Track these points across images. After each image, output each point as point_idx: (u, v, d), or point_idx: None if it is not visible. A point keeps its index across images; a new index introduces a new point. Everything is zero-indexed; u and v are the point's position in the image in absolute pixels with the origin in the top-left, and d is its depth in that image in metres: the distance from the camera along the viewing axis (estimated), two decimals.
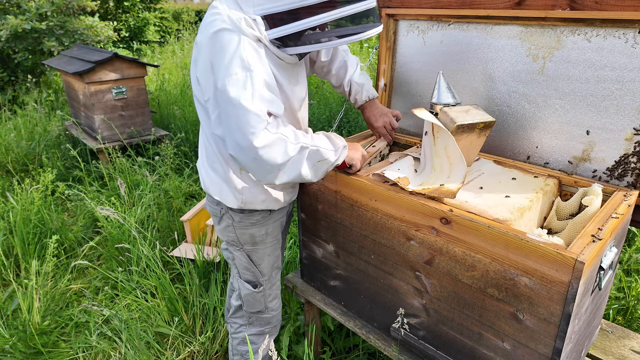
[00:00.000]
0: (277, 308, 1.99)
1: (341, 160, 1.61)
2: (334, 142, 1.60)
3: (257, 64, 1.42)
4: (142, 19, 11.42)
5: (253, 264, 1.84)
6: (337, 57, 1.95)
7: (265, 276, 1.88)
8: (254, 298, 1.90)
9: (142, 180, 3.89)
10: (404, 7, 1.99)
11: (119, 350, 2.36)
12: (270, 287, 1.92)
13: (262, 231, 1.79)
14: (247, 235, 1.78)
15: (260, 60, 1.44)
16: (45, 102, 6.74)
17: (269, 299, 1.94)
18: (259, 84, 1.41)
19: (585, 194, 1.53)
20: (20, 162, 4.83)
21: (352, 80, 1.96)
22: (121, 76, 4.63)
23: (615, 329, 1.78)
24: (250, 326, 2.00)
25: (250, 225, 1.77)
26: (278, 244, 1.90)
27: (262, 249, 1.82)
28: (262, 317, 1.97)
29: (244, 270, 1.87)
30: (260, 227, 1.78)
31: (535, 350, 1.27)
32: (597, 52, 1.52)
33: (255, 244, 1.81)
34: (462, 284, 1.40)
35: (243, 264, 1.85)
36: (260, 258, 1.84)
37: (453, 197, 1.42)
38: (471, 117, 1.56)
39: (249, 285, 1.88)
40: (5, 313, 2.72)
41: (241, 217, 1.75)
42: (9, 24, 6.52)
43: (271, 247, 1.85)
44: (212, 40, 1.43)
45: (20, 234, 3.23)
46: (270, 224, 1.80)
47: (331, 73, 1.97)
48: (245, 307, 1.94)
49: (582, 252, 1.13)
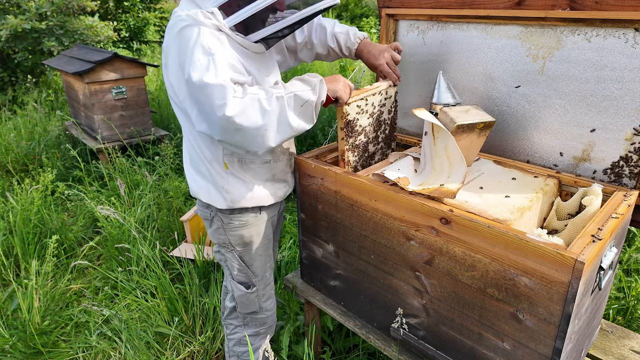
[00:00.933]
0: (271, 308, 1.99)
1: (323, 95, 1.56)
2: (308, 82, 1.55)
3: (218, 48, 1.43)
4: (142, 19, 11.41)
5: (245, 265, 1.85)
6: (312, 28, 1.90)
7: (257, 277, 1.89)
8: (247, 299, 1.91)
9: (142, 180, 3.89)
10: (404, 7, 1.99)
11: (119, 350, 2.36)
12: (263, 287, 1.93)
13: (252, 232, 1.80)
14: (238, 236, 1.79)
15: (221, 44, 1.45)
16: (45, 102, 6.74)
17: (263, 299, 1.94)
18: (221, 64, 1.40)
19: (585, 194, 1.53)
20: (20, 162, 4.83)
21: (334, 33, 1.90)
22: (121, 76, 4.63)
23: (615, 329, 1.78)
24: (245, 327, 2.00)
25: (240, 227, 1.77)
26: (269, 243, 1.90)
27: (254, 249, 1.83)
28: (257, 318, 1.97)
29: (236, 271, 1.87)
30: (251, 228, 1.79)
31: (535, 351, 1.27)
32: (597, 52, 1.52)
33: (246, 244, 1.81)
34: (462, 284, 1.40)
35: (235, 266, 1.86)
36: (252, 259, 1.85)
37: (453, 197, 1.42)
38: (471, 117, 1.56)
39: (242, 286, 1.88)
40: (5, 313, 2.71)
41: (231, 218, 1.76)
42: (9, 23, 6.52)
43: (262, 247, 1.86)
44: (177, 40, 1.47)
45: (20, 234, 3.23)
46: (260, 224, 1.81)
47: (314, 44, 1.92)
48: (239, 308, 1.94)
49: (582, 252, 1.13)
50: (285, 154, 1.80)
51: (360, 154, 1.88)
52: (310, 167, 1.79)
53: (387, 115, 1.94)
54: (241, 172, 1.69)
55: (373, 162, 1.98)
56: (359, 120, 1.79)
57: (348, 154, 1.81)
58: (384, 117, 1.93)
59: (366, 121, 1.83)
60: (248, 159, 1.68)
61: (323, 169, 1.74)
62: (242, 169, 1.69)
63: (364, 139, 1.86)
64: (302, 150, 4.67)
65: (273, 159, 1.74)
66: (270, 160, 1.73)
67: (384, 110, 1.91)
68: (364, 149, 1.89)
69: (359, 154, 1.87)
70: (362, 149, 1.88)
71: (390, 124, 1.99)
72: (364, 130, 1.84)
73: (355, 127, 1.80)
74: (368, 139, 1.88)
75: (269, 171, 1.75)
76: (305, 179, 1.85)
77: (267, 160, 1.72)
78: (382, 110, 1.89)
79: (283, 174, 1.82)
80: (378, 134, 1.93)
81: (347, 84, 1.65)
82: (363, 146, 1.87)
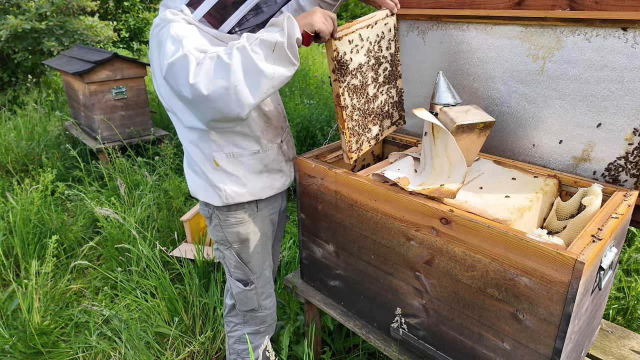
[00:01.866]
0: (271, 307, 2.00)
1: (296, 32, 1.35)
2: (275, 23, 1.39)
3: (186, 33, 1.39)
4: (142, 19, 11.41)
5: (242, 262, 1.86)
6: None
7: (255, 274, 1.89)
8: (245, 296, 1.91)
9: (142, 180, 3.89)
10: (404, 7, 1.99)
11: (119, 351, 2.36)
12: (262, 285, 1.93)
13: (249, 229, 1.81)
14: (234, 233, 1.80)
15: (190, 30, 1.43)
16: (45, 102, 6.74)
17: (262, 297, 1.94)
18: (188, 43, 1.35)
19: (585, 194, 1.53)
20: (20, 162, 4.83)
21: None
22: (121, 76, 4.63)
23: (615, 329, 1.78)
24: (245, 325, 2.01)
25: (237, 224, 1.79)
26: (268, 241, 1.90)
27: (251, 247, 1.84)
28: (257, 316, 1.97)
29: (234, 268, 1.89)
30: (247, 225, 1.80)
31: (535, 351, 1.27)
32: (597, 52, 1.52)
33: (243, 241, 1.82)
34: (462, 284, 1.40)
35: (233, 263, 1.87)
36: (250, 256, 1.86)
37: (453, 197, 1.42)
38: (471, 117, 1.56)
39: (240, 283, 1.90)
40: (5, 313, 2.71)
41: (227, 215, 1.77)
42: (9, 24, 6.52)
43: (260, 244, 1.86)
44: (155, 44, 1.48)
45: (20, 234, 3.23)
46: (257, 221, 1.82)
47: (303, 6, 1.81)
48: (238, 305, 1.96)
49: (582, 252, 1.13)
50: (273, 142, 1.76)
51: (361, 101, 1.63)
52: (310, 167, 1.79)
53: (386, 52, 1.73)
54: (232, 168, 1.69)
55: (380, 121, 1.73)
56: (352, 59, 1.57)
57: (345, 97, 1.58)
58: (383, 54, 1.71)
59: (363, 58, 1.61)
60: (236, 152, 1.67)
61: (323, 169, 1.74)
62: (232, 164, 1.68)
63: (362, 80, 1.64)
64: (302, 150, 4.67)
65: (262, 149, 1.72)
66: (259, 151, 1.71)
67: (382, 45, 1.70)
68: (363, 94, 1.65)
69: (358, 100, 1.63)
70: (360, 94, 1.64)
71: (392, 60, 1.75)
72: (360, 69, 1.61)
73: (350, 67, 1.57)
74: (366, 81, 1.67)
75: (260, 162, 1.73)
76: (305, 179, 1.85)
77: (256, 151, 1.71)
78: (380, 45, 1.69)
79: (276, 163, 1.79)
80: (379, 75, 1.71)
81: (326, 14, 1.44)
82: (361, 90, 1.65)
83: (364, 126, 1.73)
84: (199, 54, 1.32)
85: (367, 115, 1.73)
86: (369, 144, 1.78)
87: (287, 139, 1.88)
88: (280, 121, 1.82)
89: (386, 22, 1.69)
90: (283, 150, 1.83)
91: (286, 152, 1.86)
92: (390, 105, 1.82)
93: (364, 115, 1.72)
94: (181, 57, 1.30)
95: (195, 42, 1.37)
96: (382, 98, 1.77)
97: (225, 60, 1.29)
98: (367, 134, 1.75)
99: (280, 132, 1.82)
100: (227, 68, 1.28)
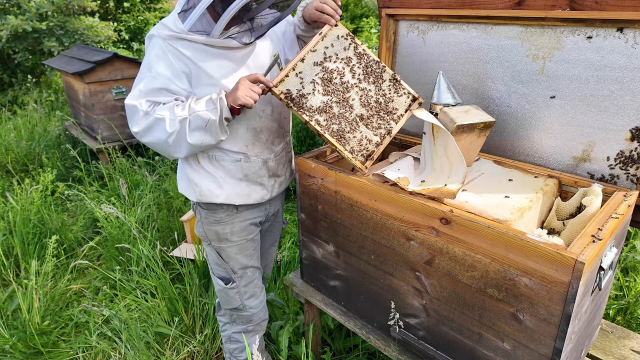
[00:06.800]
0: (256, 306, 2.01)
1: (225, 111, 1.54)
2: (210, 100, 1.56)
3: (157, 63, 1.56)
4: (143, 20, 11.41)
5: (222, 260, 1.89)
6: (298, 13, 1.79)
7: (236, 273, 1.91)
8: (226, 294, 1.94)
9: (142, 180, 3.89)
10: (404, 7, 1.99)
11: (119, 350, 2.36)
12: (245, 284, 1.94)
13: (226, 229, 1.83)
14: (213, 232, 1.85)
15: (163, 57, 1.56)
16: (45, 103, 6.74)
17: (245, 296, 1.95)
18: (147, 86, 1.56)
19: (585, 194, 1.53)
20: (20, 162, 4.83)
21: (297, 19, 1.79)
22: (121, 76, 4.64)
23: (615, 329, 1.78)
24: (233, 324, 2.04)
25: (215, 223, 1.82)
26: (249, 244, 1.91)
27: (229, 247, 1.86)
28: (242, 315, 1.99)
29: (214, 265, 1.92)
30: (225, 225, 1.83)
31: (535, 351, 1.27)
32: (597, 52, 1.52)
33: (221, 241, 1.85)
34: (462, 284, 1.40)
35: (213, 259, 1.91)
36: (228, 256, 1.88)
37: (453, 197, 1.42)
38: (471, 117, 1.56)
39: (221, 281, 1.93)
40: (5, 313, 2.71)
41: (206, 213, 1.82)
42: (9, 24, 6.52)
43: (238, 247, 1.88)
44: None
45: (20, 234, 3.23)
46: (236, 222, 1.84)
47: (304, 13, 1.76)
48: (222, 303, 1.99)
49: (582, 253, 1.13)
50: (258, 156, 1.78)
51: (335, 115, 1.64)
52: (310, 167, 1.79)
53: (349, 53, 1.67)
54: (212, 168, 1.75)
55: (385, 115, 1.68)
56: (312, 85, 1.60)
57: (317, 119, 1.61)
58: (345, 56, 1.67)
59: (325, 75, 1.62)
60: (218, 155, 1.74)
61: (323, 169, 1.74)
62: (212, 165, 1.75)
63: (335, 94, 1.64)
64: (302, 150, 4.67)
65: (244, 159, 1.76)
66: (241, 159, 1.76)
67: (339, 54, 1.66)
68: (345, 105, 1.65)
69: (342, 110, 1.64)
70: (342, 105, 1.65)
71: (361, 57, 1.68)
72: (327, 86, 1.62)
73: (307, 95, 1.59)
74: (342, 91, 1.65)
75: (240, 170, 1.77)
76: (305, 179, 1.85)
77: (238, 159, 1.76)
78: (337, 54, 1.65)
79: (257, 176, 1.81)
80: (355, 74, 1.67)
81: (249, 85, 1.52)
82: (342, 103, 1.65)
83: (363, 130, 1.69)
84: (147, 108, 1.56)
85: (360, 120, 1.68)
86: (378, 144, 1.70)
87: (280, 155, 1.87)
88: (273, 137, 1.81)
89: (334, 34, 1.65)
90: (268, 166, 1.83)
91: (272, 168, 1.84)
92: (387, 96, 1.72)
93: (356, 121, 1.68)
94: (132, 106, 1.57)
95: (153, 85, 1.57)
96: (371, 94, 1.71)
97: (168, 129, 1.54)
98: (367, 136, 1.70)
99: (271, 147, 1.81)
100: (167, 134, 1.55)
